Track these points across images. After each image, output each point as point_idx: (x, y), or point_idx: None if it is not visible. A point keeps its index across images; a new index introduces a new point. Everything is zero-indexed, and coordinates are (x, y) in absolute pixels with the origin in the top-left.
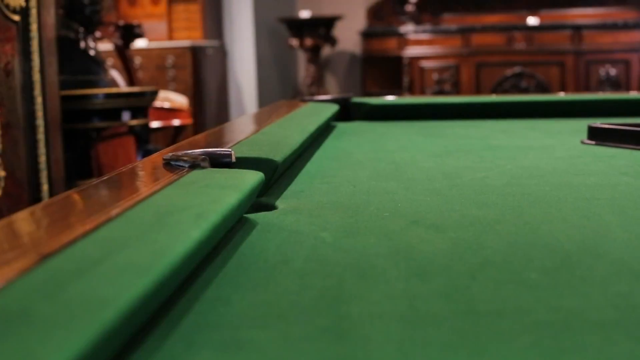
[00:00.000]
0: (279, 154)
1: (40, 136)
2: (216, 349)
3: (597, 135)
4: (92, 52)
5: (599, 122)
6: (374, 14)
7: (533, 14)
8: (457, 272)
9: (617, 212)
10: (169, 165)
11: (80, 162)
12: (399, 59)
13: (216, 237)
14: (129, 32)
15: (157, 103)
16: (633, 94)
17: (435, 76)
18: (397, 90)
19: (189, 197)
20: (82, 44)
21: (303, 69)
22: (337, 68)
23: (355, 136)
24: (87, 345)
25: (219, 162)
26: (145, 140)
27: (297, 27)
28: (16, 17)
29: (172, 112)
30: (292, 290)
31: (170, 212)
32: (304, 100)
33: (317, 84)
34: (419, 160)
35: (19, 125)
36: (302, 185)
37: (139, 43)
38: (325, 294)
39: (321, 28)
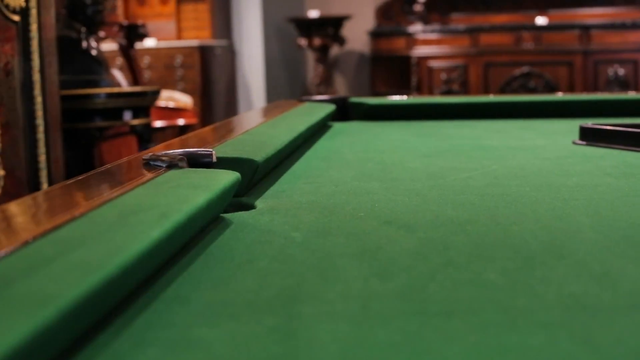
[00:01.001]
0: (260, 154)
1: (40, 135)
2: (163, 347)
3: (588, 136)
4: (94, 52)
5: (590, 123)
6: (382, 13)
7: (541, 14)
8: (417, 273)
9: (591, 213)
10: (148, 165)
11: (83, 162)
12: (407, 59)
13: (181, 236)
14: (133, 32)
15: (162, 103)
16: (631, 94)
17: (443, 76)
18: (405, 90)
19: (157, 197)
20: (84, 44)
21: (312, 69)
22: (346, 68)
23: (349, 136)
24: (22, 341)
25: (199, 162)
26: (147, 140)
27: (306, 27)
28: (16, 17)
29: (177, 111)
30: (251, 289)
31: (135, 211)
32: (301, 100)
33: (326, 83)
34: (407, 160)
35: (18, 124)
36: (285, 185)
37: (148, 42)
38: (283, 293)
39: (330, 28)
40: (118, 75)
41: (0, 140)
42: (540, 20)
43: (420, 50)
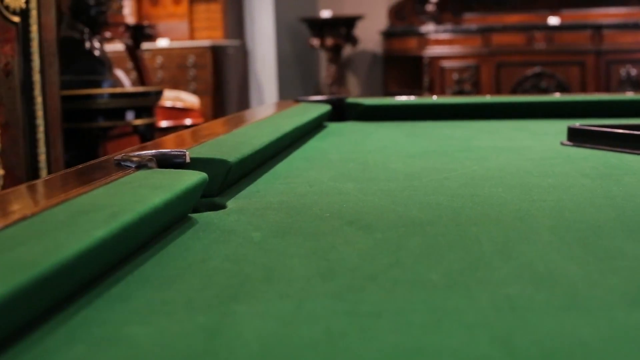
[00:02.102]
0: (235, 154)
1: (40, 135)
2: (91, 344)
3: (575, 137)
4: (97, 53)
5: (578, 124)
6: (395, 13)
7: (554, 14)
8: (361, 273)
9: (554, 215)
10: (119, 165)
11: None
12: (419, 59)
13: (133, 236)
14: (140, 33)
15: (169, 103)
16: (629, 95)
17: (455, 76)
18: (417, 90)
19: (114, 197)
20: (87, 45)
21: (324, 69)
22: (359, 68)
23: (340, 136)
24: None
25: (172, 162)
26: (150, 140)
27: (318, 27)
28: (16, 19)
29: (184, 111)
30: (195, 288)
31: (87, 211)
32: (298, 101)
33: (338, 83)
34: (390, 161)
35: (18, 124)
36: (261, 186)
37: (161, 43)
38: (223, 292)
39: (342, 28)
40: (121, 75)
41: (0, 140)
42: (553, 20)
43: (432, 50)
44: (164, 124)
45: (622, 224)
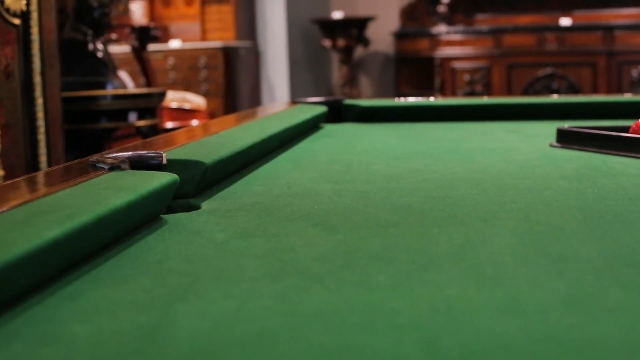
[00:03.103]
0: (213, 156)
1: (41, 136)
2: (29, 342)
3: (563, 138)
4: (100, 54)
5: (567, 125)
6: (407, 14)
7: (566, 15)
8: (311, 274)
9: (520, 217)
10: (94, 166)
11: None
12: (431, 60)
13: (91, 236)
14: (145, 34)
15: (175, 104)
16: (627, 96)
17: (466, 77)
18: (429, 91)
19: (76, 198)
20: (91, 46)
21: (336, 70)
22: (371, 69)
23: (333, 138)
24: None
25: (147, 164)
26: None
27: (330, 28)
28: (16, 21)
29: (190, 112)
30: (145, 288)
31: (45, 212)
32: (295, 102)
33: (350, 84)
34: (374, 162)
35: (19, 125)
36: (240, 187)
37: (173, 44)
38: (172, 292)
39: (354, 29)
40: (124, 76)
41: (0, 141)
42: (564, 21)
43: (443, 52)
44: (170, 125)
45: (585, 226)
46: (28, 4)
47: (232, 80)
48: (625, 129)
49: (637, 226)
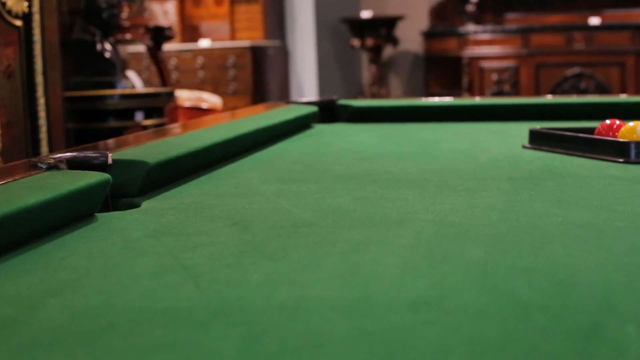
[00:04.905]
0: (159, 156)
1: (43, 135)
2: None
3: (534, 139)
4: (107, 55)
5: (539, 127)
6: (436, 13)
7: (595, 14)
8: (192, 272)
9: (436, 219)
10: (35, 166)
11: None
12: (459, 59)
13: None
14: (159, 34)
15: (188, 103)
16: (623, 97)
17: (494, 77)
18: (457, 90)
19: None
20: (99, 47)
21: (366, 69)
22: (400, 68)
23: (315, 138)
24: None
25: (91, 164)
26: None
27: (359, 27)
28: (18, 22)
29: (206, 112)
30: (31, 283)
31: None
32: (288, 102)
33: (379, 84)
34: (338, 163)
35: (20, 125)
36: (191, 186)
37: (202, 43)
38: (54, 286)
39: (383, 28)
40: (133, 76)
41: (0, 139)
42: (594, 21)
43: (471, 51)
44: None
45: (486, 228)
46: (30, 6)
47: (260, 80)
48: (590, 130)
49: (543, 233)
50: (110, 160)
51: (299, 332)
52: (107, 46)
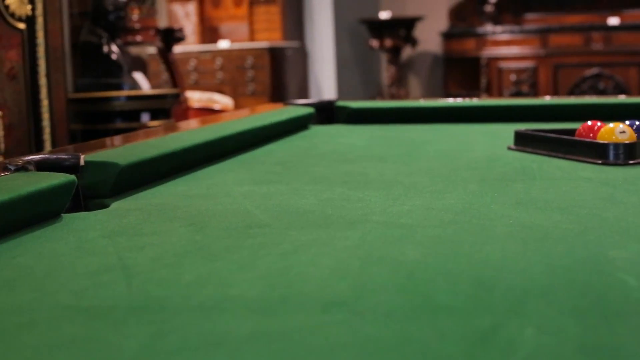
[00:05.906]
0: (132, 158)
1: (47, 137)
2: None
3: (519, 141)
4: (114, 56)
5: (524, 128)
6: (455, 14)
7: (615, 14)
8: (131, 272)
9: (389, 221)
10: (6, 168)
11: None
12: (478, 60)
13: None
14: (170, 36)
15: (198, 104)
16: (621, 98)
17: (513, 77)
18: (475, 91)
19: None
20: (105, 49)
21: (385, 70)
22: (419, 69)
23: (309, 140)
24: None
25: (62, 165)
26: None
27: (377, 28)
28: (21, 25)
29: (217, 113)
30: None
31: None
32: (286, 104)
33: (398, 84)
34: (317, 165)
35: (24, 126)
36: (165, 188)
37: (221, 44)
38: (2, 286)
39: (401, 29)
40: (140, 78)
41: (3, 141)
42: (613, 21)
43: (490, 51)
44: None
45: (434, 230)
46: (34, 9)
47: (278, 80)
48: (571, 131)
49: (488, 235)
50: (82, 162)
51: (203, 331)
52: (114, 48)
